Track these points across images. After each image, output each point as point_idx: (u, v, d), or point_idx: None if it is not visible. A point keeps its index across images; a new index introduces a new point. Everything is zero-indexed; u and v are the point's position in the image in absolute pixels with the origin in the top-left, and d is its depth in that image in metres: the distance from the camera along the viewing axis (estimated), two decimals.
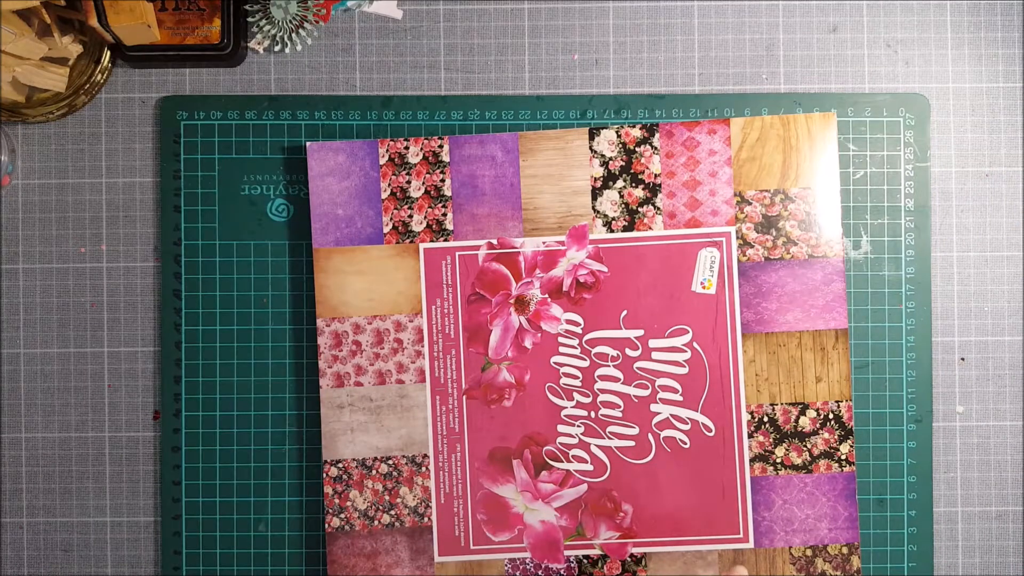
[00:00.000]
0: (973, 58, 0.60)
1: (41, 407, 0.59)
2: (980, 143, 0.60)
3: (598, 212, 0.58)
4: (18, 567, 0.59)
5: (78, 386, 0.59)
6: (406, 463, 0.58)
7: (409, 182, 0.58)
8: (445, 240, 0.58)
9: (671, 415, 0.58)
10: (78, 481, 0.59)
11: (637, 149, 0.58)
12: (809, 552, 0.57)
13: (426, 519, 0.58)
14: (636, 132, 0.58)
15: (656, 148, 0.58)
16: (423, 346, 0.58)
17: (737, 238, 0.58)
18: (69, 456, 0.59)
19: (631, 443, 0.57)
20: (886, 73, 0.60)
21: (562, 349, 0.58)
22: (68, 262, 0.60)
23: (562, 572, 0.58)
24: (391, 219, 0.58)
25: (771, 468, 0.58)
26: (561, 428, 0.58)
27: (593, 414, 0.58)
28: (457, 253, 0.58)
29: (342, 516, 0.58)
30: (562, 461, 0.58)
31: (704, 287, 0.58)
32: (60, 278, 0.60)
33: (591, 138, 0.58)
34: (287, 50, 0.59)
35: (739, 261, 0.58)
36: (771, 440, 0.58)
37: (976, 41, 0.60)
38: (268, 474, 0.59)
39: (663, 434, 0.58)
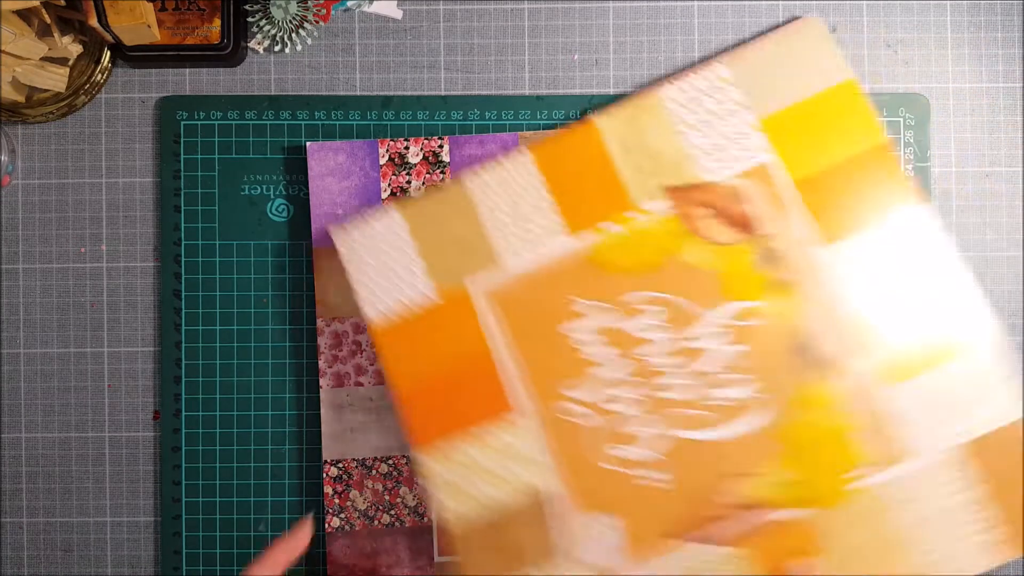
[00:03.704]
0: (973, 58, 0.60)
1: (41, 407, 0.59)
2: (980, 143, 0.60)
3: None
4: (18, 567, 0.59)
5: (78, 386, 0.59)
6: (406, 463, 0.58)
7: (409, 182, 0.58)
8: None
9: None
10: (78, 481, 0.59)
11: None
12: None
13: (426, 519, 0.58)
14: None
15: None
16: None
17: None
18: (69, 456, 0.59)
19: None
20: (886, 73, 0.60)
21: None
22: (68, 262, 0.60)
23: None
24: None
25: None
26: None
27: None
28: None
29: (342, 516, 0.58)
30: None
31: None
32: (60, 278, 0.60)
33: None
34: (287, 50, 0.59)
35: None
36: None
37: (976, 41, 0.60)
38: (268, 474, 0.59)
39: None
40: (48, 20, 0.56)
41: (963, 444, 0.53)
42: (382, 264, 0.55)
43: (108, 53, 0.59)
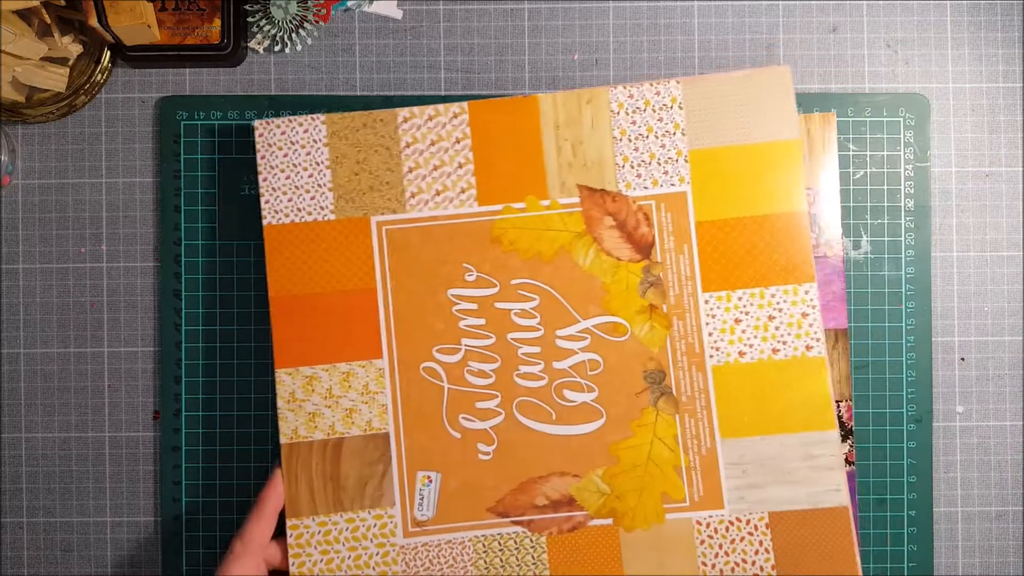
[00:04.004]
0: (973, 58, 0.60)
1: (41, 407, 0.59)
2: (980, 143, 0.60)
3: None
4: (18, 567, 0.59)
5: (78, 386, 0.59)
6: None
7: None
8: None
9: None
10: (78, 481, 0.59)
11: None
12: None
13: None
14: None
15: None
16: None
17: None
18: (69, 456, 0.59)
19: None
20: (886, 73, 0.60)
21: None
22: (68, 262, 0.60)
23: None
24: None
25: None
26: None
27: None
28: None
29: None
30: None
31: None
32: (60, 278, 0.60)
33: None
34: (287, 50, 0.59)
35: None
36: None
37: (976, 41, 0.60)
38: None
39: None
40: (48, 20, 0.56)
41: (769, 512, 0.54)
42: (291, 164, 0.55)
43: (108, 53, 0.59)
